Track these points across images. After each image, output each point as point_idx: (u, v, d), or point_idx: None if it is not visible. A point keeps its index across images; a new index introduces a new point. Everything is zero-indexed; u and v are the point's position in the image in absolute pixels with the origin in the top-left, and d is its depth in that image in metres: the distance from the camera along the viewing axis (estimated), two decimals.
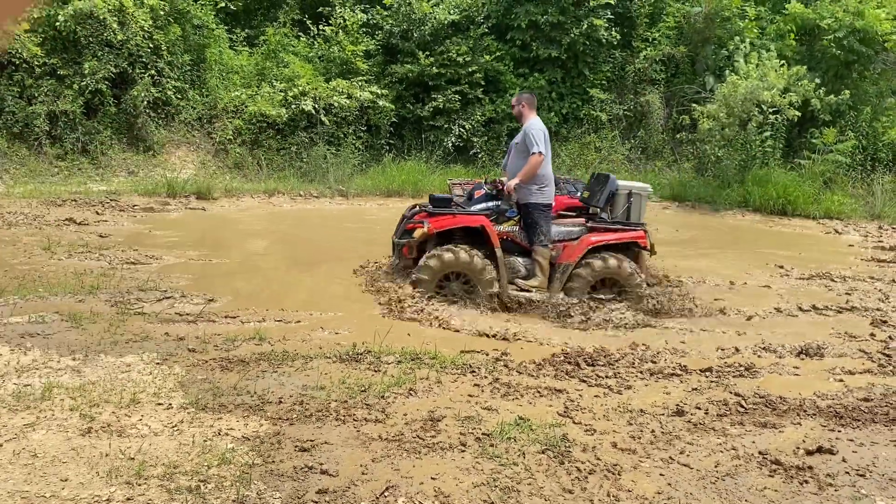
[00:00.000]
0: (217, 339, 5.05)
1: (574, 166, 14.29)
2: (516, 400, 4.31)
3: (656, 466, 3.57)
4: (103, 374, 4.30)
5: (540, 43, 14.56)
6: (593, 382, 4.66)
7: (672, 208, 13.20)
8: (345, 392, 4.23)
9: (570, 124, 14.92)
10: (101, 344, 4.82)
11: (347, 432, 3.72)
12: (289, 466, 3.31)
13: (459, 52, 14.15)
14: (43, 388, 4.01)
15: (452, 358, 4.95)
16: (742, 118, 13.26)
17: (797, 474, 3.54)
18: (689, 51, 15.12)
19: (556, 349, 5.28)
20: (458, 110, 14.31)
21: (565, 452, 3.61)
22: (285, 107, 13.02)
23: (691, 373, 4.98)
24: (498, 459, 3.50)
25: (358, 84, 13.76)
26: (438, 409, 4.07)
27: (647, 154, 14.80)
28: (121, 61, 11.95)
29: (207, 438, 3.54)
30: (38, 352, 4.58)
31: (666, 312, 6.56)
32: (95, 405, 3.85)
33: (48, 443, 3.42)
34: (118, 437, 3.51)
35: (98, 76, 11.61)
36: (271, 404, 3.99)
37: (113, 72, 11.82)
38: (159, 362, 4.53)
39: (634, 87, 15.25)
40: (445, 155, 14.34)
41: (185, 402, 3.95)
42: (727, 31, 14.86)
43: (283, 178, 12.58)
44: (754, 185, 13.17)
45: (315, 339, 5.32)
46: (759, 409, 4.37)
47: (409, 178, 12.90)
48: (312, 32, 14.61)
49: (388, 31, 14.59)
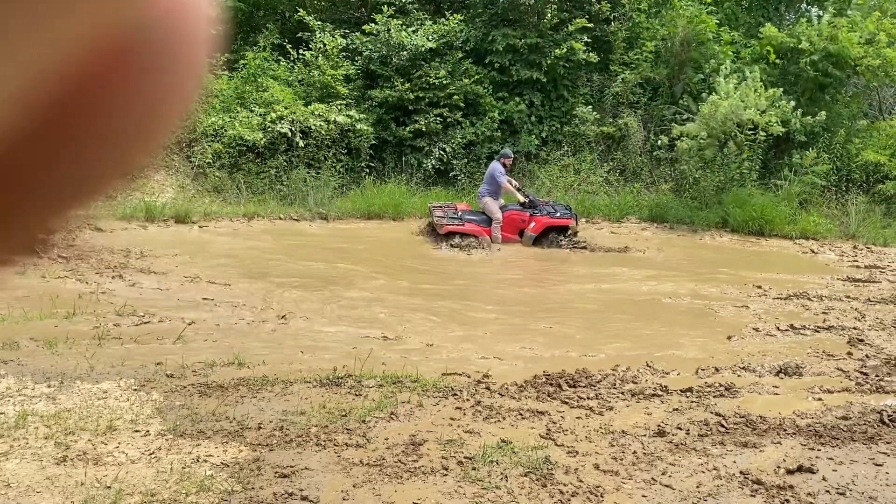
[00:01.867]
0: (196, 364, 4.99)
1: (553, 188, 14.38)
2: (498, 423, 4.30)
3: (639, 488, 3.57)
4: (79, 400, 4.24)
5: (519, 66, 14.71)
6: (575, 404, 4.66)
7: (650, 229, 13.31)
8: (325, 417, 4.20)
9: (549, 147, 15.05)
10: (76, 370, 4.75)
11: (328, 458, 3.68)
12: (269, 493, 3.27)
13: (438, 75, 14.25)
14: (17, 415, 3.94)
15: (434, 381, 4.93)
16: (721, 138, 13.45)
17: (778, 493, 3.55)
18: (667, 74, 15.36)
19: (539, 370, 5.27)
20: (439, 132, 14.38)
21: (548, 475, 3.60)
22: (263, 130, 13.02)
23: (672, 393, 4.99)
24: (480, 483, 3.48)
25: (336, 108, 13.80)
26: (420, 433, 4.05)
27: (626, 176, 14.94)
28: None
29: (186, 465, 3.49)
30: (12, 379, 4.51)
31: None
32: (71, 433, 3.79)
33: (21, 472, 3.36)
34: (94, 466, 3.45)
35: None
36: (251, 430, 3.95)
37: None
38: (137, 388, 4.47)
39: (613, 109, 15.43)
40: (426, 177, 14.38)
41: (163, 429, 3.89)
42: (703, 54, 15.12)
43: (262, 201, 12.54)
44: (732, 206, 13.33)
45: (295, 363, 5.27)
46: (739, 429, 4.39)
47: (390, 201, 12.91)
48: (292, 57, 14.66)
49: (367, 56, 14.68)
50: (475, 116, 14.76)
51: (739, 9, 17.32)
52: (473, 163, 14.48)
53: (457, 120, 14.54)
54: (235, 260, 8.76)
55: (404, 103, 14.35)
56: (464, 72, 14.64)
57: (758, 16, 17.49)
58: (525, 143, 14.72)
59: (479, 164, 14.14)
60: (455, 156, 14.47)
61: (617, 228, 13.27)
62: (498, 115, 14.64)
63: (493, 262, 10.19)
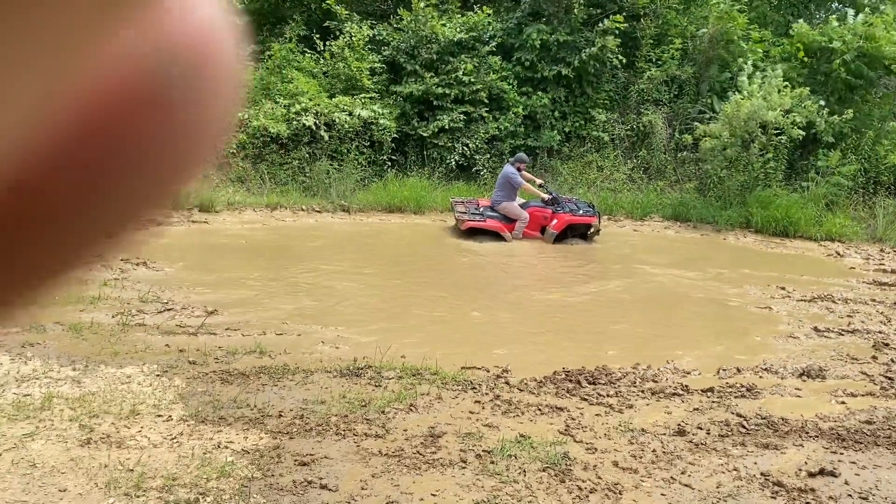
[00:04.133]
0: (217, 351, 5.04)
1: (576, 185, 14.32)
2: (517, 417, 4.29)
3: (657, 486, 3.55)
4: (103, 384, 4.29)
5: (546, 63, 14.64)
6: (594, 401, 4.64)
7: (674, 228, 13.21)
8: (345, 407, 4.22)
9: (572, 143, 14.97)
10: (101, 354, 4.81)
11: (347, 447, 3.70)
12: (288, 481, 3.30)
13: (466, 70, 14.23)
14: (43, 397, 4.00)
15: (453, 374, 4.94)
16: (744, 138, 13.30)
17: (799, 496, 3.52)
18: (693, 72, 15.21)
19: (558, 366, 5.26)
20: (462, 128, 14.36)
21: (566, 471, 3.60)
22: (287, 122, 13.07)
23: (693, 392, 4.96)
24: (498, 477, 3.48)
25: (361, 101, 13.83)
26: (439, 426, 4.06)
27: (650, 174, 14.83)
28: None
29: (207, 451, 3.52)
30: (39, 361, 4.58)
31: None
32: (95, 416, 3.84)
33: (47, 453, 3.41)
34: (117, 449, 3.50)
35: None
36: (271, 418, 3.98)
37: None
38: (160, 374, 4.52)
39: (637, 106, 15.32)
40: (448, 172, 14.37)
41: (185, 415, 3.94)
42: (731, 52, 14.95)
43: (285, 192, 12.60)
44: (756, 206, 13.19)
45: (315, 352, 5.30)
46: (760, 430, 4.35)
47: (412, 195, 12.92)
48: (319, 48, 14.70)
49: (394, 47, 14.68)
50: (499, 111, 14.72)
51: (769, 7, 17.10)
52: (496, 158, 14.45)
53: (480, 115, 14.51)
54: (258, 249, 8.81)
55: (429, 97, 14.34)
56: (489, 67, 14.60)
57: (787, 14, 17.26)
58: (547, 138, 14.66)
59: (501, 159, 14.09)
60: (478, 151, 14.45)
61: (639, 227, 13.19)
62: (521, 111, 14.59)
63: (513, 258, 10.17)
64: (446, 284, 8.26)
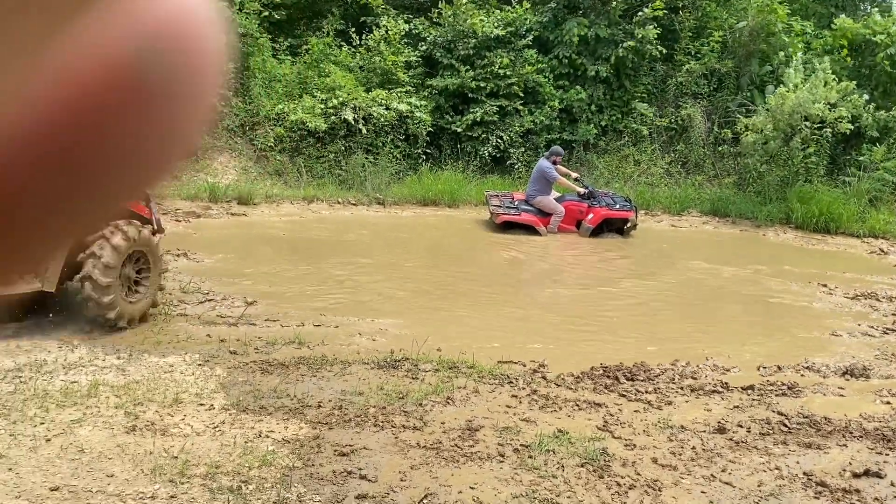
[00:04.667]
0: (257, 342, 5.11)
1: (612, 178, 14.19)
2: (555, 412, 4.28)
3: (697, 484, 3.52)
4: (147, 373, 4.38)
5: (585, 58, 14.50)
6: (633, 397, 4.61)
7: (712, 223, 13.04)
8: (383, 398, 4.25)
9: (608, 136, 14.84)
10: (144, 344, 4.91)
11: (386, 438, 3.73)
12: (328, 470, 3.34)
13: (502, 64, 14.18)
14: (89, 385, 4.10)
15: (490, 368, 4.94)
16: (787, 132, 13.05)
17: (843, 497, 3.46)
18: (733, 65, 14.95)
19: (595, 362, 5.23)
20: (496, 122, 14.32)
21: (605, 466, 3.58)
22: (325, 116, 13.16)
23: (733, 390, 4.90)
24: (537, 471, 3.48)
25: (397, 95, 13.86)
26: (476, 419, 4.07)
27: (688, 168, 14.64)
28: None
29: (248, 440, 3.58)
30: (85, 350, 4.68)
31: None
32: (139, 403, 3.92)
33: (94, 438, 3.49)
34: (162, 436, 3.57)
35: None
36: (311, 408, 4.03)
37: None
38: (201, 363, 4.60)
39: (675, 100, 15.11)
40: (482, 165, 14.35)
41: (227, 404, 4.00)
42: (771, 45, 14.66)
43: (321, 185, 12.69)
44: (797, 202, 12.95)
45: (353, 344, 5.35)
46: (803, 430, 4.28)
47: (446, 188, 12.93)
48: (355, 42, 14.76)
49: (431, 42, 14.68)
50: (534, 105, 14.64)
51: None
52: (531, 151, 14.38)
53: (515, 108, 14.45)
54: (295, 242, 8.90)
55: (465, 91, 14.33)
56: (525, 60, 14.53)
57: (829, 6, 16.88)
58: (583, 132, 14.55)
59: (536, 152, 14.01)
60: (512, 144, 14.40)
61: (677, 221, 13.04)
62: (557, 105, 14.49)
63: (548, 252, 10.13)
64: (481, 278, 8.26)
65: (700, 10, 15.37)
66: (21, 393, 3.91)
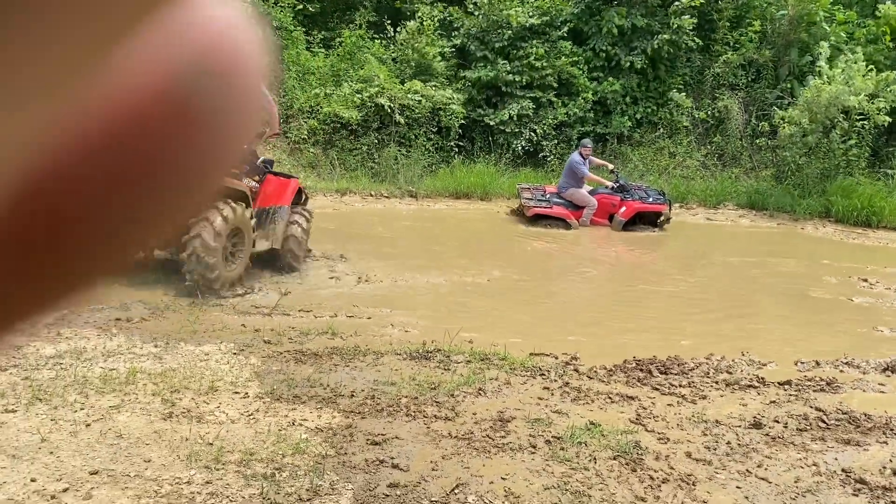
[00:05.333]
0: (291, 331, 5.16)
1: (647, 171, 14.03)
2: (587, 405, 4.26)
3: (732, 479, 3.47)
4: (183, 361, 4.45)
5: (620, 49, 14.32)
6: (666, 391, 4.56)
7: (749, 217, 12.83)
8: (415, 389, 4.27)
9: (643, 128, 14.67)
10: (181, 333, 4.99)
11: (418, 428, 3.74)
12: (360, 459, 3.36)
13: (538, 55, 14.08)
14: (127, 372, 4.17)
15: (521, 360, 4.93)
16: (825, 125, 12.77)
17: (884, 494, 3.39)
18: (772, 55, 14.66)
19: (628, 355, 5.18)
20: (530, 115, 14.24)
21: (637, 460, 3.55)
22: (359, 108, 13.21)
23: (769, 385, 4.82)
24: (569, 463, 3.46)
25: (431, 86, 13.86)
26: (508, 410, 4.06)
27: (724, 161, 14.41)
28: None
29: (282, 428, 3.62)
30: (123, 338, 4.78)
31: None
32: (176, 391, 3.99)
33: (132, 424, 3.56)
34: (197, 423, 3.62)
35: None
36: (343, 397, 4.06)
37: None
38: (236, 352, 4.66)
39: (712, 91, 14.88)
40: (514, 158, 14.29)
41: (261, 392, 4.05)
42: (813, 35, 14.34)
43: (354, 177, 12.76)
44: (837, 195, 12.68)
45: (385, 335, 5.37)
46: (841, 426, 4.20)
47: (478, 181, 12.91)
48: (388, 34, 14.79)
49: (465, 32, 14.64)
50: (567, 97, 14.53)
51: None
52: (564, 144, 14.28)
53: (549, 100, 14.35)
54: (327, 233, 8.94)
55: (498, 84, 14.26)
56: (559, 51, 14.41)
57: None
58: (617, 124, 14.39)
59: (569, 145, 13.92)
60: (545, 136, 14.31)
61: (713, 215, 12.86)
62: (591, 96, 14.35)
63: (580, 245, 10.07)
64: (512, 271, 8.24)
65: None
66: (62, 379, 4.00)
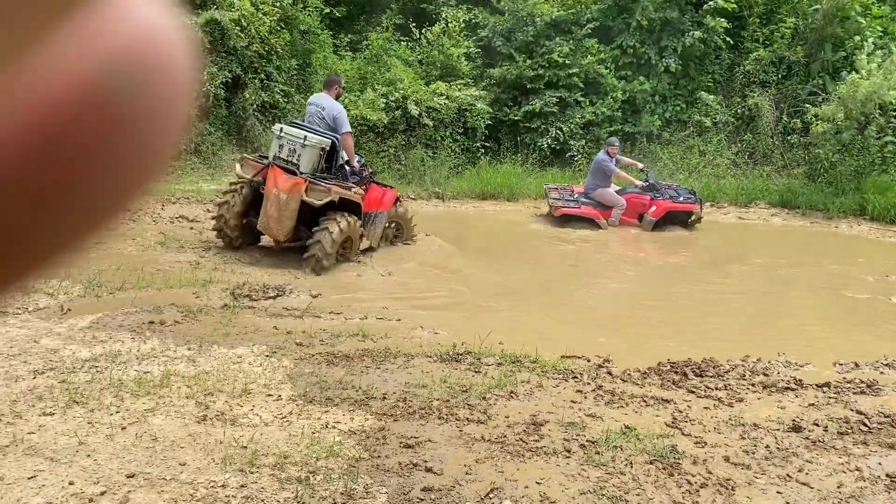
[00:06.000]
0: (322, 334, 5.17)
1: (676, 170, 13.88)
2: (621, 408, 4.20)
3: (773, 483, 3.40)
4: (216, 364, 4.47)
5: (650, 47, 14.17)
6: (702, 394, 4.49)
7: (781, 215, 12.63)
8: (446, 391, 4.24)
9: (673, 127, 14.51)
10: (213, 335, 5.01)
11: (450, 431, 3.72)
12: (394, 462, 3.34)
13: (562, 52, 14.00)
14: (161, 375, 4.20)
15: (553, 362, 4.88)
16: (860, 121, 12.52)
17: None
18: (804, 51, 14.42)
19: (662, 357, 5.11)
20: (556, 113, 14.16)
21: (675, 464, 3.49)
22: (386, 110, 13.23)
23: (807, 387, 4.72)
24: (604, 468, 3.42)
25: (457, 87, 13.85)
26: (541, 414, 4.02)
27: (755, 159, 14.20)
28: (235, 67, 12.48)
29: (316, 430, 3.62)
30: (157, 341, 4.81)
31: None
32: (210, 394, 4.00)
33: (167, 427, 3.58)
34: (231, 426, 3.63)
35: (217, 81, 12.18)
36: (376, 400, 4.05)
37: (229, 77, 12.36)
38: (268, 355, 4.67)
39: (742, 89, 14.67)
40: (541, 158, 14.22)
41: (294, 395, 4.05)
42: (846, 30, 14.08)
43: (381, 179, 12.77)
44: (872, 193, 12.43)
45: (415, 337, 5.36)
46: (884, 429, 4.10)
47: (505, 182, 12.87)
48: (415, 36, 14.81)
49: (490, 29, 14.61)
50: (595, 95, 14.43)
51: None
52: (592, 143, 14.18)
53: (576, 100, 14.26)
54: None
55: (523, 81, 14.21)
56: (586, 50, 14.31)
57: None
58: (646, 123, 14.26)
59: (597, 144, 13.82)
60: (572, 136, 14.22)
61: (744, 213, 12.69)
62: (620, 96, 14.23)
63: (610, 246, 9.98)
64: (542, 272, 8.19)
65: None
66: (97, 382, 4.04)
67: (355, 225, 7.29)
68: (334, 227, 6.95)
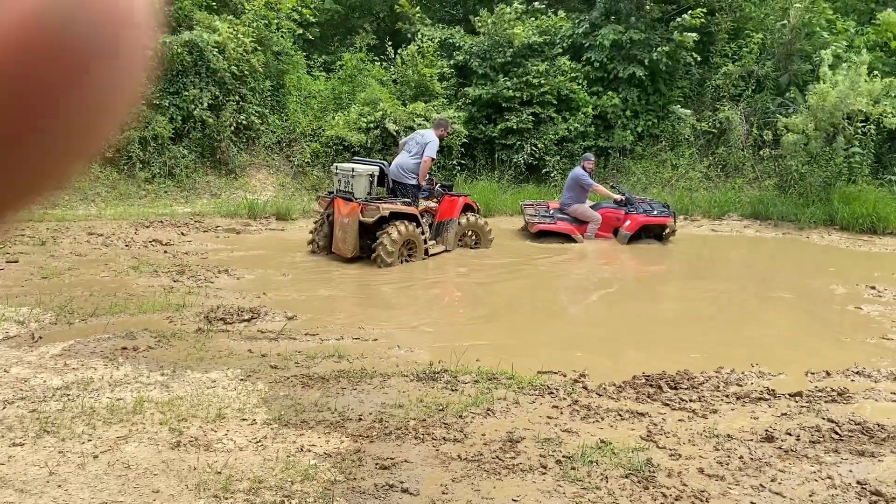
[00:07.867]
0: (298, 356, 5.15)
1: (649, 184, 14.04)
2: (597, 423, 4.23)
3: (746, 494, 3.43)
4: (190, 389, 4.44)
5: (618, 62, 14.39)
6: (677, 406, 4.52)
7: (754, 227, 12.80)
8: (423, 411, 4.24)
9: (645, 141, 14.69)
10: (187, 360, 4.98)
11: (427, 451, 3.72)
12: (370, 484, 3.33)
13: (538, 72, 14.17)
14: (134, 401, 4.16)
15: (529, 378, 4.90)
16: (829, 131, 12.77)
17: None
18: (772, 66, 14.71)
19: (637, 371, 5.15)
20: (531, 129, 14.30)
21: (650, 477, 3.52)
22: (363, 130, 13.26)
23: (780, 397, 4.78)
24: (580, 483, 3.43)
25: (433, 108, 13.92)
26: (517, 430, 4.03)
27: (727, 171, 14.41)
28: (214, 89, 12.48)
29: (290, 454, 3.60)
30: (130, 367, 4.77)
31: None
32: (183, 419, 3.97)
33: (140, 455, 3.54)
34: (205, 451, 3.60)
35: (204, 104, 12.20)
36: (351, 421, 4.03)
37: (210, 99, 12.36)
38: (243, 378, 4.64)
39: (713, 103, 14.92)
40: (517, 174, 14.32)
41: (269, 418, 4.03)
42: (813, 44, 14.39)
43: None
44: (840, 203, 12.64)
45: (391, 356, 5.35)
46: (855, 437, 4.15)
47: (482, 198, 12.89)
48: (389, 56, 14.89)
49: (467, 51, 14.74)
50: (568, 112, 14.58)
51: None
52: (566, 159, 14.31)
53: (549, 116, 14.40)
54: (333, 256, 8.96)
55: (499, 100, 14.34)
56: (558, 68, 14.49)
57: (870, 1, 16.52)
58: (619, 138, 14.43)
59: (572, 160, 13.95)
60: (547, 152, 14.34)
61: (717, 226, 12.84)
62: (591, 111, 14.40)
63: (585, 261, 10.05)
64: (517, 288, 8.22)
65: (737, 12, 15.15)
66: (69, 410, 3.99)
67: (414, 230, 8.68)
68: (393, 231, 8.42)
